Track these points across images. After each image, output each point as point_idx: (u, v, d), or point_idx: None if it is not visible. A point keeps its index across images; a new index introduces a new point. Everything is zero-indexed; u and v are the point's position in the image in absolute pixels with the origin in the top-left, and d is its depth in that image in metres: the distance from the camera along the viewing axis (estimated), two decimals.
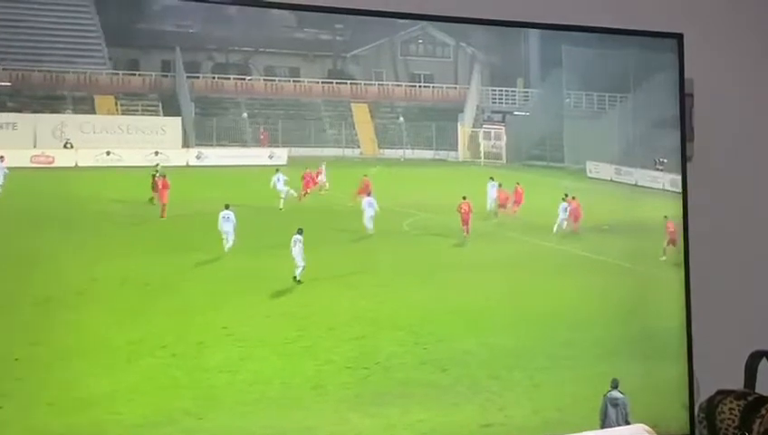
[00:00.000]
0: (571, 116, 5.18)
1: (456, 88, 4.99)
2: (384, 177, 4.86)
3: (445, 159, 4.98)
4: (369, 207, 4.79)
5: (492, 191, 5.03)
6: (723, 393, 4.35)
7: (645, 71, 5.18)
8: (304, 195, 4.80)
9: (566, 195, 5.05)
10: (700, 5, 5.25)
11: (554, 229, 5.07)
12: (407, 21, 4.83)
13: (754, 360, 4.51)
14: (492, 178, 5.02)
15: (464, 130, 4.96)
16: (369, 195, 4.80)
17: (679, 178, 5.19)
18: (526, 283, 4.88)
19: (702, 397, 4.55)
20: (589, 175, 5.21)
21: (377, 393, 4.47)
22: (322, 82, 4.75)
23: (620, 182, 5.24)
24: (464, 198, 4.77)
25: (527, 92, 5.09)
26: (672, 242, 5.08)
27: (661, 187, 5.28)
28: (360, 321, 4.66)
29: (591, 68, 5.19)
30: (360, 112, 4.81)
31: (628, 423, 4.73)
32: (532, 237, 5.10)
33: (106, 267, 4.30)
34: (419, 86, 4.92)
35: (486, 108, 5.00)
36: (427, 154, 4.94)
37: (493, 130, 5.04)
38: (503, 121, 5.03)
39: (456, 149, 4.96)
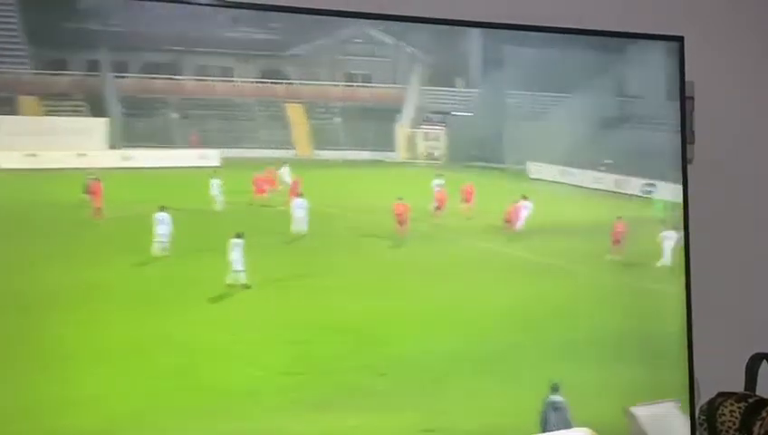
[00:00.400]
0: (513, 116, 5.11)
1: (394, 88, 4.89)
2: (320, 178, 4.76)
3: (382, 159, 4.89)
4: (298, 209, 4.69)
5: (437, 191, 4.92)
6: (723, 395, 4.36)
7: (588, 71, 5.13)
8: (258, 198, 4.67)
9: (524, 196, 4.98)
10: (700, 8, 5.23)
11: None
12: (344, 19, 4.69)
13: (755, 362, 4.52)
14: (438, 177, 4.91)
15: (402, 130, 4.86)
16: (299, 196, 4.69)
17: (624, 178, 5.25)
18: (468, 286, 4.79)
19: (702, 399, 4.55)
20: (530, 176, 5.13)
21: (314, 399, 4.35)
22: (256, 82, 4.65)
23: (564, 183, 5.18)
24: (399, 198, 4.58)
25: (468, 93, 4.99)
26: (616, 242, 5.01)
27: (605, 187, 5.19)
28: (296, 325, 4.53)
29: (534, 68, 5.10)
30: (295, 113, 4.71)
31: (569, 427, 4.62)
32: (474, 240, 4.98)
33: (37, 273, 4.18)
34: (357, 86, 4.81)
35: (426, 108, 4.91)
36: (365, 155, 4.84)
37: (432, 131, 4.94)
38: (442, 122, 4.93)
39: (395, 150, 4.81)
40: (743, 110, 5.31)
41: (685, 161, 4.77)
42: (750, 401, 4.28)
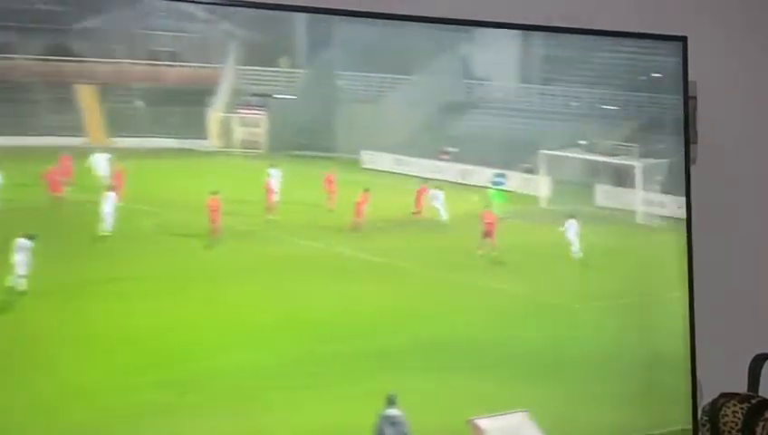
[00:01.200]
0: (344, 100, 4.70)
1: (207, 68, 4.40)
2: (125, 170, 4.22)
3: (192, 148, 4.34)
4: (102, 205, 4.15)
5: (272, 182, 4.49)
6: (726, 396, 4.36)
7: (429, 52, 4.72)
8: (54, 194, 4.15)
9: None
10: (704, 7, 5.18)
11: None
12: None
13: (758, 363, 4.54)
14: (272, 166, 4.48)
15: (215, 115, 4.38)
16: (107, 190, 4.24)
17: (470, 168, 4.89)
18: (290, 289, 4.37)
19: (705, 400, 4.54)
20: (363, 166, 4.69)
21: (99, 424, 3.78)
22: (40, 60, 4.06)
23: (400, 173, 4.76)
24: (214, 193, 4.11)
25: (293, 73, 4.46)
26: (488, 235, 4.74)
27: (447, 178, 4.80)
28: (85, 338, 3.99)
29: (369, 47, 4.60)
30: (87, 95, 4.13)
31: None
32: (300, 238, 4.46)
33: None
34: (162, 65, 4.25)
35: (243, 90, 4.45)
36: (171, 143, 4.30)
37: (250, 116, 4.41)
38: (263, 106, 4.47)
39: (206, 138, 4.27)
40: (745, 109, 5.31)
41: (688, 162, 4.71)
42: (753, 401, 4.29)
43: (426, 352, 4.58)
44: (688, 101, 4.69)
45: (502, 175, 4.91)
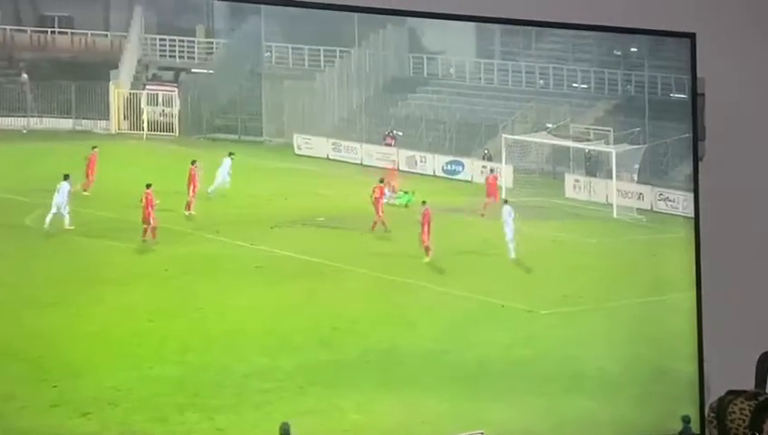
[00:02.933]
0: (272, 75, 4.15)
1: (107, 36, 3.87)
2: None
3: (91, 130, 3.75)
4: None
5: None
6: (733, 394, 4.33)
7: (371, 20, 4.19)
8: None
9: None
10: (712, 5, 5.06)
11: None
12: None
13: (765, 360, 4.49)
14: (231, 154, 4.00)
15: (118, 91, 3.91)
16: None
17: (419, 154, 4.40)
18: (212, 294, 3.90)
19: (712, 397, 4.49)
20: (297, 152, 4.17)
21: None
22: None
23: (340, 160, 4.26)
24: (148, 186, 3.85)
25: (210, 44, 3.95)
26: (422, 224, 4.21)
27: (396, 166, 4.31)
28: None
29: (301, 14, 4.10)
30: None
31: None
32: (225, 236, 3.97)
33: None
34: (53, 32, 3.64)
35: (152, 63, 3.97)
36: (65, 124, 3.71)
37: (161, 93, 3.87)
38: (175, 81, 3.99)
39: (108, 118, 3.75)
40: (754, 106, 5.16)
41: (696, 158, 4.54)
42: (760, 399, 4.27)
43: (373, 365, 4.05)
44: (697, 97, 4.55)
45: (456, 163, 4.41)
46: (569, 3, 4.52)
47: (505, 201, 4.31)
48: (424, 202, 4.19)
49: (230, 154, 4.01)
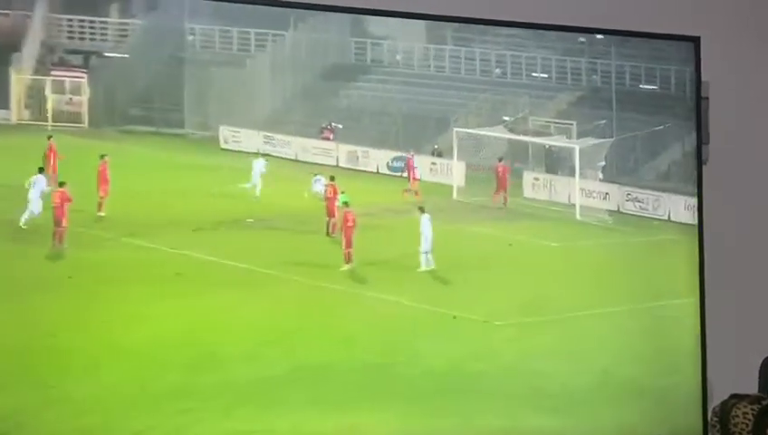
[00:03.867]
0: (195, 61, 3.82)
1: (8, 15, 3.54)
2: None
3: None
4: None
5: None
6: (736, 398, 4.26)
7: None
8: None
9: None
10: (716, 8, 5.01)
11: None
12: None
13: None
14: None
15: (19, 77, 3.58)
16: None
17: (361, 150, 4.11)
18: (125, 304, 3.57)
19: (715, 401, 4.42)
20: (224, 146, 3.87)
21: None
22: None
23: (272, 156, 3.93)
24: (61, 184, 3.58)
25: (125, 25, 3.68)
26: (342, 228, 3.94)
27: (335, 162, 4.01)
28: None
29: None
30: None
31: None
32: (136, 238, 3.68)
33: None
34: None
35: (58, 46, 3.65)
36: None
37: (68, 79, 3.66)
38: (84, 67, 3.67)
39: (8, 107, 3.53)
40: (758, 110, 5.10)
41: (700, 162, 4.50)
42: (763, 403, 4.20)
43: (307, 381, 3.71)
44: (701, 101, 4.50)
45: (403, 159, 4.08)
46: (563, 4, 4.32)
47: (422, 209, 3.96)
48: (346, 203, 3.88)
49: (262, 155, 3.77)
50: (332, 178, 3.91)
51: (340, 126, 3.96)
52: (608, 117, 4.20)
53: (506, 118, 4.16)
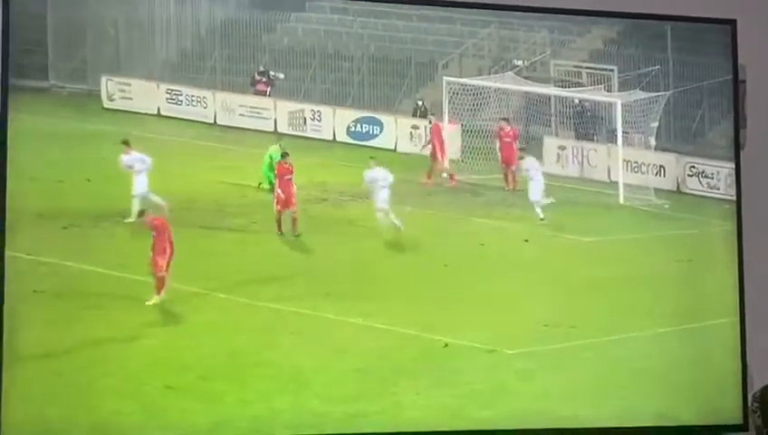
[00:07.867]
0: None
1: None
2: None
3: None
4: None
5: None
6: None
7: None
8: None
9: None
10: None
11: None
12: None
13: None
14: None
15: None
16: None
17: (311, 108, 3.38)
18: None
19: (756, 387, 4.55)
20: (108, 105, 3.04)
21: None
22: None
23: (179, 119, 3.07)
24: None
25: None
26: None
27: (272, 126, 3.16)
28: None
29: None
30: None
31: None
32: None
33: None
34: None
35: None
36: None
37: None
38: None
39: None
40: None
41: (737, 147, 4.37)
42: None
43: None
44: (738, 84, 4.38)
45: (370, 121, 3.24)
46: None
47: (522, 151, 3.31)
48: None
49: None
50: (286, 155, 3.07)
51: (281, 75, 3.12)
52: (661, 60, 3.44)
53: (518, 62, 3.36)
